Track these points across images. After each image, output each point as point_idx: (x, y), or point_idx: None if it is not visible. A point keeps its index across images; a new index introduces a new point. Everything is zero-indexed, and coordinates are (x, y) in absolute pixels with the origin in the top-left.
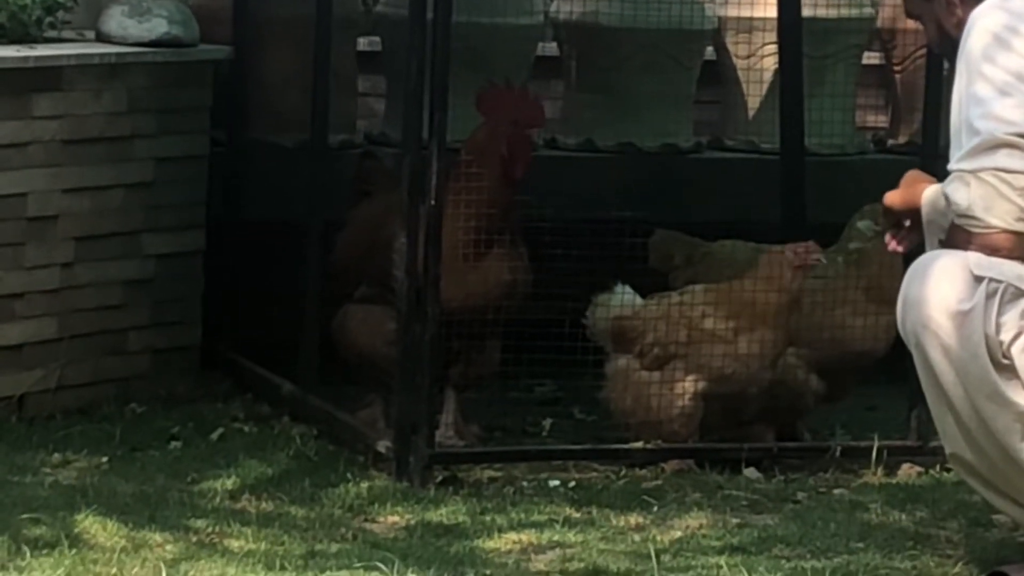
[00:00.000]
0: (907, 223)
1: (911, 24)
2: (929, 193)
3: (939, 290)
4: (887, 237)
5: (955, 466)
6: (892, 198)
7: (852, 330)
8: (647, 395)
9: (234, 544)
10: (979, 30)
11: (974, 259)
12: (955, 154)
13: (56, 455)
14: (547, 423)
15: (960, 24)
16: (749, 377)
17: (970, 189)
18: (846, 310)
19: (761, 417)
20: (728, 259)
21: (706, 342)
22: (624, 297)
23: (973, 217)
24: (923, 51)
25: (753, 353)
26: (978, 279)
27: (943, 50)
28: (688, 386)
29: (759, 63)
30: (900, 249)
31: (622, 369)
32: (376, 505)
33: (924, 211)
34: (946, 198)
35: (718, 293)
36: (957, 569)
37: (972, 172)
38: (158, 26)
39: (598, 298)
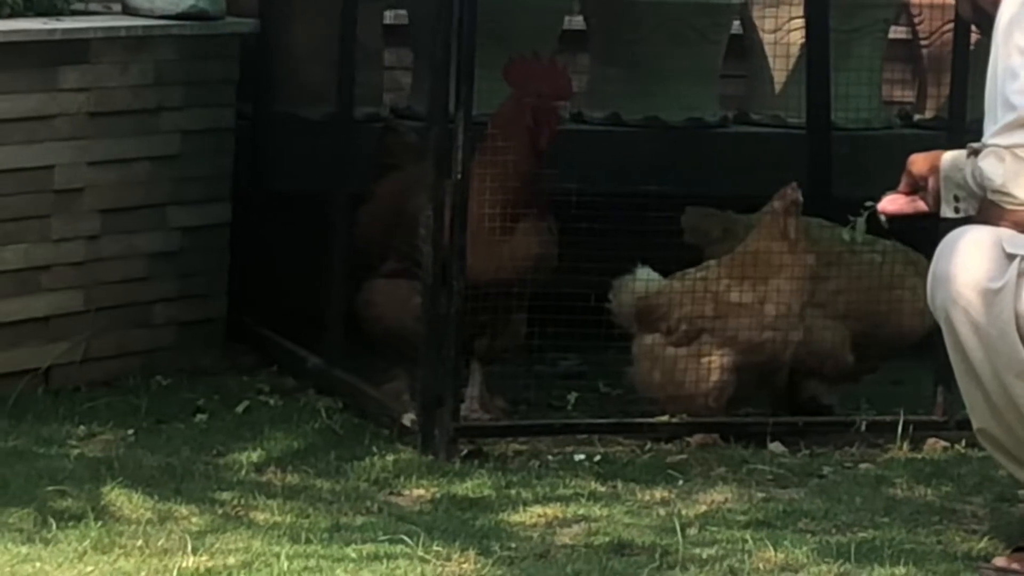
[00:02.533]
0: (923, 184)
1: None
2: (950, 152)
3: (970, 266)
4: (884, 197)
5: (982, 440)
6: (916, 157)
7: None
8: (676, 371)
9: (259, 517)
10: (1008, 1)
11: (1007, 236)
12: (990, 128)
13: (82, 427)
14: (572, 397)
15: (997, 2)
16: (780, 341)
17: (1005, 165)
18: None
19: (813, 374)
20: None
21: (732, 314)
22: (646, 276)
23: (1007, 193)
24: (950, 25)
25: (779, 314)
26: (1010, 256)
27: (978, 23)
28: (718, 359)
29: (786, 37)
30: (889, 209)
31: (648, 347)
32: (401, 478)
33: (943, 166)
34: (980, 172)
35: (732, 263)
36: (982, 544)
37: (1008, 148)
38: None
39: (620, 281)
